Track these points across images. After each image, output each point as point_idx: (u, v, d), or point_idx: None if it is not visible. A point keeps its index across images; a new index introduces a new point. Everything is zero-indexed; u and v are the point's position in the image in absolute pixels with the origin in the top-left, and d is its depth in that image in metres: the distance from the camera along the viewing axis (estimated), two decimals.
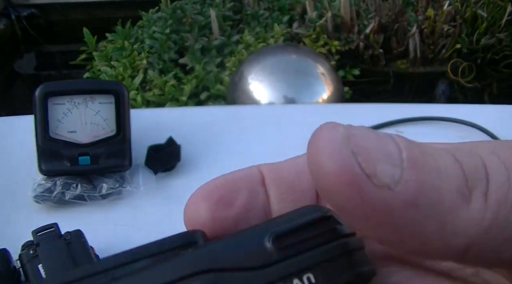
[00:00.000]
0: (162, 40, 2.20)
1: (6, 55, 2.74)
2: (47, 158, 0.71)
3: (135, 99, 1.92)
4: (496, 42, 2.43)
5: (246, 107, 1.17)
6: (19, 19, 2.85)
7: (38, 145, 0.71)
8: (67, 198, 0.71)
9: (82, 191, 0.71)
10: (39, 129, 0.71)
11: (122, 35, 2.29)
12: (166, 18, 2.35)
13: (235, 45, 2.23)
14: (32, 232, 0.60)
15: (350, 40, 2.42)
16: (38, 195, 0.71)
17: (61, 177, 0.72)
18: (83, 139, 0.73)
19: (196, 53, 2.16)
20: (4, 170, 0.75)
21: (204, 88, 2.02)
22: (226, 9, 2.47)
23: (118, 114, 0.73)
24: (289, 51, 1.84)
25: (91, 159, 0.72)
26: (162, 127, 0.80)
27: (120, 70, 2.09)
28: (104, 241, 0.65)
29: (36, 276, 0.55)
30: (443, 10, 2.42)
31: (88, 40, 2.35)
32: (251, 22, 2.44)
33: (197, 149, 0.79)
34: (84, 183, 0.72)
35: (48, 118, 0.71)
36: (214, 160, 0.76)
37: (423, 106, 0.90)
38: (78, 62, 2.43)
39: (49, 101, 0.71)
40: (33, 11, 2.91)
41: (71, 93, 0.71)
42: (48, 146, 0.71)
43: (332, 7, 2.43)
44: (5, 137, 0.80)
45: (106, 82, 1.35)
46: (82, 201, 0.71)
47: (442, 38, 2.45)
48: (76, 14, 2.92)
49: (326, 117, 0.99)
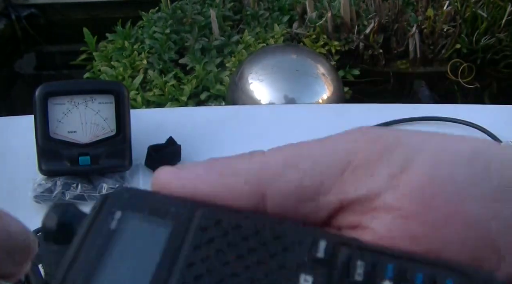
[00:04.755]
0: (162, 40, 2.21)
1: (6, 55, 2.74)
2: (47, 158, 0.71)
3: (135, 99, 1.92)
4: (496, 42, 2.43)
5: (246, 107, 1.17)
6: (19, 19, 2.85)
7: (38, 145, 0.71)
8: (67, 198, 0.71)
9: (82, 191, 0.71)
10: (39, 129, 0.71)
11: (122, 35, 2.29)
12: (166, 18, 2.35)
13: (235, 45, 2.23)
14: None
15: (350, 40, 2.42)
16: (38, 195, 0.71)
17: (61, 177, 0.72)
18: (83, 139, 0.73)
19: (196, 53, 2.16)
20: (4, 170, 0.75)
21: (204, 88, 2.02)
22: (226, 9, 2.47)
23: (118, 114, 0.73)
24: (289, 51, 1.84)
25: (91, 159, 0.71)
26: (162, 127, 0.80)
27: (120, 70, 2.09)
28: None
29: (36, 276, 0.55)
30: (443, 10, 2.42)
31: (88, 40, 2.35)
32: (251, 22, 2.44)
33: (197, 149, 0.79)
34: (84, 183, 0.72)
35: (48, 118, 0.71)
36: None
37: (423, 106, 0.90)
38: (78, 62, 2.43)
39: (49, 101, 0.71)
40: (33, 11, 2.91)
41: (71, 93, 0.71)
42: (48, 146, 0.71)
43: (332, 7, 2.43)
44: (5, 137, 0.80)
45: (106, 82, 1.35)
46: (82, 201, 0.71)
47: (442, 38, 2.45)
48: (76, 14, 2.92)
49: (326, 117, 0.99)
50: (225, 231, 0.19)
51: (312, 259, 0.18)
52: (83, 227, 0.19)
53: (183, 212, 0.19)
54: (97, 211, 0.19)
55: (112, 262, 0.18)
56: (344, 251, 0.18)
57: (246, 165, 0.20)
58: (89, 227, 0.19)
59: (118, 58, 2.19)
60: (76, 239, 0.19)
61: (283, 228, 0.19)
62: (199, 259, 0.18)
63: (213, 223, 0.19)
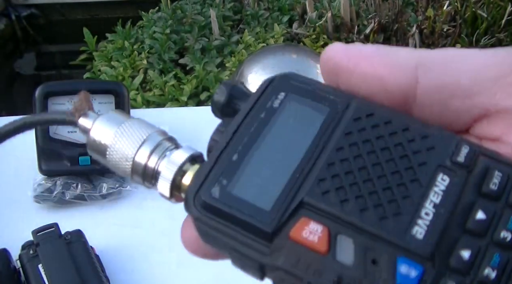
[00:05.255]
0: (162, 40, 2.20)
1: (6, 55, 2.74)
2: (47, 158, 0.71)
3: (135, 99, 1.92)
4: (496, 42, 2.43)
5: None
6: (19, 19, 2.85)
7: (38, 145, 0.71)
8: (67, 198, 0.71)
9: (82, 191, 0.71)
10: (39, 129, 0.71)
11: (122, 35, 2.29)
12: (166, 18, 2.35)
13: (235, 45, 2.23)
14: (32, 232, 0.60)
15: (350, 40, 2.42)
16: (38, 195, 0.71)
17: (61, 177, 0.72)
18: (83, 139, 0.73)
19: (196, 53, 2.16)
20: (4, 170, 0.75)
21: (204, 88, 2.02)
22: (226, 9, 2.47)
23: None
24: (289, 51, 1.84)
25: (91, 159, 0.71)
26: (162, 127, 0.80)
27: (120, 70, 2.08)
28: (104, 241, 0.65)
29: (36, 276, 0.55)
30: (443, 10, 2.42)
31: (88, 40, 2.35)
32: (251, 22, 2.44)
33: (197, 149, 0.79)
34: (84, 183, 0.72)
35: None
36: None
37: None
38: (78, 62, 2.43)
39: (49, 101, 0.71)
40: (33, 11, 2.90)
41: (71, 93, 0.72)
42: (48, 146, 0.71)
43: (332, 7, 2.43)
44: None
45: (106, 82, 1.35)
46: (82, 201, 0.71)
47: (442, 38, 2.45)
48: (76, 14, 2.91)
49: None
50: (376, 124, 0.20)
51: (453, 162, 0.20)
52: (249, 102, 0.21)
53: (340, 101, 0.21)
54: (263, 90, 0.22)
55: (269, 136, 0.21)
56: (484, 160, 0.20)
57: (409, 53, 0.21)
58: (254, 103, 0.21)
59: (118, 58, 2.18)
60: (241, 112, 0.21)
61: (430, 129, 0.20)
62: (348, 145, 0.20)
63: (365, 115, 0.21)
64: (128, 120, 0.24)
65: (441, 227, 0.18)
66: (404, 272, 0.18)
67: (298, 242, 0.19)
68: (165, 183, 0.22)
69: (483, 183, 0.19)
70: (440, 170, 0.19)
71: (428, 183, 0.19)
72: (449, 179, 0.19)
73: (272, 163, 0.20)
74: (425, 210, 0.19)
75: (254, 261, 0.19)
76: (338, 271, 0.18)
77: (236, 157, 0.21)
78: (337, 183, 0.19)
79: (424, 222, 0.18)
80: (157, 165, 0.23)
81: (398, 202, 0.19)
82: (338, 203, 0.19)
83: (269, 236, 0.19)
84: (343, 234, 0.19)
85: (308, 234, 0.19)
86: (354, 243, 0.18)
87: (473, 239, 0.18)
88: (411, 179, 0.19)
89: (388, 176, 0.19)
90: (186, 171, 0.22)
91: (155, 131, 0.24)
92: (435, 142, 0.20)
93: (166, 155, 0.23)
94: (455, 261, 0.18)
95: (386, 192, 0.19)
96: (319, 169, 0.20)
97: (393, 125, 0.20)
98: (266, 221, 0.19)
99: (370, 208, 0.19)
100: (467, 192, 0.19)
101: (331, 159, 0.20)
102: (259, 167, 0.20)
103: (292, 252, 0.19)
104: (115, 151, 0.23)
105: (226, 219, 0.20)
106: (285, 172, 0.20)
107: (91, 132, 0.24)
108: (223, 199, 0.20)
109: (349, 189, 0.19)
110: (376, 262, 0.18)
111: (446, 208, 0.19)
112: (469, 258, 0.18)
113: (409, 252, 0.18)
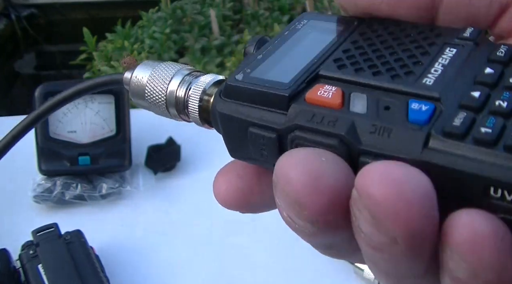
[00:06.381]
0: (162, 40, 2.21)
1: (6, 55, 2.74)
2: (47, 158, 0.71)
3: None
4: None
5: None
6: (19, 19, 2.85)
7: (38, 145, 0.71)
8: (67, 198, 0.71)
9: (82, 191, 0.71)
10: (39, 129, 0.71)
11: (122, 35, 2.29)
12: (166, 18, 2.35)
13: (235, 45, 2.23)
14: (32, 232, 0.60)
15: None
16: (38, 195, 0.71)
17: (61, 177, 0.72)
18: (83, 139, 0.73)
19: (196, 53, 2.16)
20: (4, 170, 0.75)
21: None
22: (226, 9, 2.47)
23: (118, 114, 0.73)
24: None
25: (91, 159, 0.72)
26: (162, 127, 0.80)
27: (120, 70, 2.08)
28: (104, 241, 0.65)
29: (36, 276, 0.55)
30: None
31: (88, 40, 2.35)
32: (251, 22, 2.44)
33: (197, 149, 0.79)
34: (84, 183, 0.72)
35: (48, 118, 0.71)
36: (214, 160, 0.76)
37: None
38: (78, 62, 2.43)
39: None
40: (33, 11, 2.91)
41: None
42: (48, 146, 0.71)
43: (332, 7, 2.43)
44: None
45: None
46: (82, 201, 0.71)
47: None
48: (76, 14, 2.92)
49: None
50: (387, 26, 0.23)
51: (459, 38, 0.22)
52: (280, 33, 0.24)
53: (353, 23, 0.24)
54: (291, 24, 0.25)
55: (291, 41, 0.24)
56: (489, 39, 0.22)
57: None
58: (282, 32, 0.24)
59: (118, 58, 2.18)
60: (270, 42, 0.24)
61: (437, 27, 0.23)
62: (362, 39, 0.23)
63: (377, 22, 0.23)
64: (160, 63, 0.26)
65: (451, 76, 0.20)
66: (416, 108, 0.19)
67: (313, 102, 0.20)
68: (194, 107, 0.24)
69: (490, 53, 0.21)
70: (448, 45, 0.21)
71: (436, 53, 0.21)
72: (457, 49, 0.21)
73: (292, 56, 0.23)
74: (434, 68, 0.20)
75: (272, 130, 0.20)
76: (352, 119, 0.19)
77: (261, 56, 0.23)
78: (352, 60, 0.22)
79: (434, 75, 0.20)
80: (187, 93, 0.24)
81: (409, 66, 0.21)
82: (353, 71, 0.21)
83: (286, 102, 0.20)
84: (357, 91, 0.20)
85: (323, 92, 0.20)
86: (367, 97, 0.20)
87: (483, 88, 0.19)
88: (421, 53, 0.21)
89: (400, 53, 0.21)
90: (211, 94, 0.24)
91: (182, 67, 0.26)
92: (442, 31, 0.22)
93: (192, 81, 0.25)
94: (467, 99, 0.19)
95: (398, 61, 0.21)
96: (335, 54, 0.22)
97: (404, 25, 0.23)
98: (284, 88, 0.21)
99: (383, 72, 0.21)
100: (474, 58, 0.21)
101: (346, 47, 0.22)
102: (280, 58, 0.23)
103: (307, 111, 0.20)
104: (150, 91, 0.25)
105: (248, 97, 0.21)
106: (304, 60, 0.22)
107: (131, 79, 0.27)
108: (246, 80, 0.21)
109: (364, 63, 0.21)
110: (388, 108, 0.19)
111: (455, 66, 0.20)
112: (480, 97, 0.19)
113: (419, 96, 0.19)
